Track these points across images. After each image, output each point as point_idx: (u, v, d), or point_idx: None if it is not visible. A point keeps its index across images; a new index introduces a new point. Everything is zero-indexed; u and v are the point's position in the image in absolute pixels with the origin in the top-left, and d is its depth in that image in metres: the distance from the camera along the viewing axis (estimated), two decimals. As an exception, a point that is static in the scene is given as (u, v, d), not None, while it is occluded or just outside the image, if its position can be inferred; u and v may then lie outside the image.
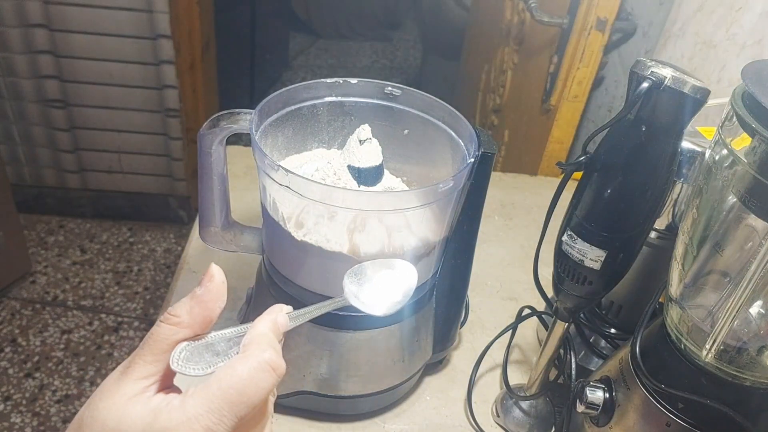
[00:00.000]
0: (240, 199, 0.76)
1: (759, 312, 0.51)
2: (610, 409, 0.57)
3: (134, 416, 0.32)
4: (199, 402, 0.32)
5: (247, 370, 0.33)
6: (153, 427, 0.31)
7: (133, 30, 1.88)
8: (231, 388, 0.32)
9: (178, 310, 0.35)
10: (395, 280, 0.49)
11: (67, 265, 2.07)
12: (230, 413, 0.32)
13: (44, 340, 1.82)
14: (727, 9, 0.89)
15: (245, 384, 0.33)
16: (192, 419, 0.31)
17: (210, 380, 0.33)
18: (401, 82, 0.70)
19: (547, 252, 0.61)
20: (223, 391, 0.32)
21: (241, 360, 0.34)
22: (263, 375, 0.34)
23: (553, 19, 1.22)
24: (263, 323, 0.37)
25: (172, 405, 0.32)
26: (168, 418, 0.31)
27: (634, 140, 0.51)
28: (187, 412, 0.31)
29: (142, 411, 0.32)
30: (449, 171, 0.66)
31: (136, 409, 0.32)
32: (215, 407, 0.32)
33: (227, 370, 0.33)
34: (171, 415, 0.31)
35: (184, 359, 0.34)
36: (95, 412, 0.32)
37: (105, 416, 0.32)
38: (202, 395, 0.32)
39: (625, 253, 0.55)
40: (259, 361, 0.34)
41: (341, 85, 0.67)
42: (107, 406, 0.32)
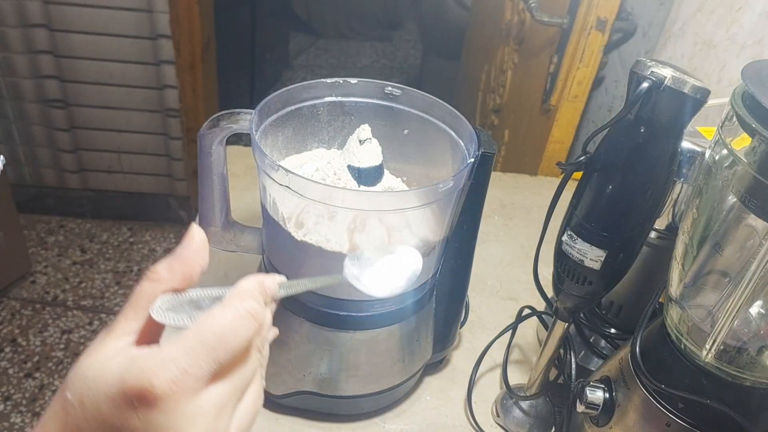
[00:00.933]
0: (240, 199, 0.76)
1: (759, 312, 0.51)
2: (610, 409, 0.57)
3: (113, 366, 0.31)
4: (176, 346, 0.31)
5: (227, 316, 0.33)
6: (130, 372, 0.31)
7: (133, 30, 1.88)
8: (209, 332, 0.32)
9: (159, 267, 0.35)
10: (398, 264, 0.49)
11: (67, 265, 2.07)
12: (207, 357, 0.31)
13: (44, 340, 1.82)
14: (727, 9, 0.89)
15: (224, 329, 0.32)
16: (168, 361, 0.31)
17: (192, 328, 0.33)
18: (401, 82, 0.70)
19: (547, 252, 0.61)
20: (200, 335, 0.32)
21: (220, 307, 0.34)
22: (243, 322, 0.33)
23: (553, 19, 1.22)
24: (249, 281, 0.37)
25: (150, 352, 0.32)
26: (144, 363, 0.31)
27: (634, 140, 0.51)
28: (163, 355, 0.31)
29: (121, 359, 0.32)
30: (449, 171, 0.66)
31: (116, 360, 0.32)
32: (191, 350, 0.31)
33: (206, 317, 0.33)
34: (147, 360, 0.31)
35: (164, 309, 0.34)
36: (78, 369, 0.32)
37: (86, 370, 0.32)
38: (178, 340, 0.32)
39: (625, 253, 0.55)
40: (239, 309, 0.33)
41: (341, 85, 0.67)
42: (90, 362, 0.32)
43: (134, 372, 0.30)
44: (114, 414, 0.30)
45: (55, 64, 1.93)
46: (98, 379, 0.31)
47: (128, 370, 0.31)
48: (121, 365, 0.31)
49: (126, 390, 0.30)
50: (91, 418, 0.31)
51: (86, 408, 0.31)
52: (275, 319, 0.68)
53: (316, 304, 0.63)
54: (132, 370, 0.30)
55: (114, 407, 0.30)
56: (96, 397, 0.31)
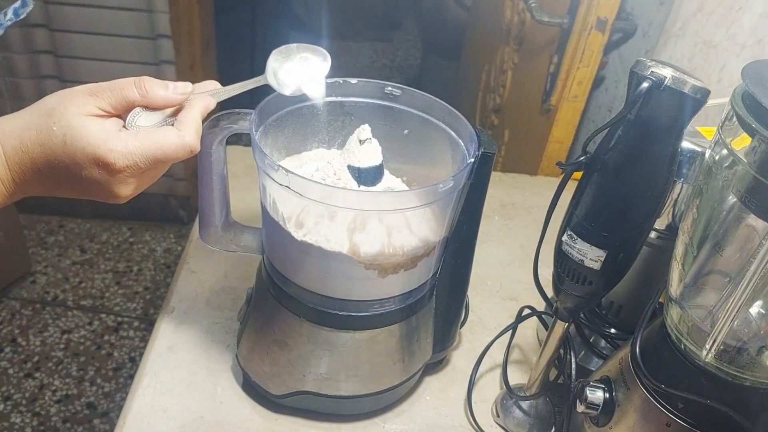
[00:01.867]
0: (240, 199, 0.76)
1: (759, 312, 0.51)
2: (610, 409, 0.57)
3: (93, 129, 0.45)
4: (138, 146, 0.46)
5: (174, 143, 0.48)
6: (106, 144, 0.45)
7: (133, 30, 1.88)
8: (158, 149, 0.47)
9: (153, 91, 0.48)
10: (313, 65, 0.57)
11: (67, 265, 2.07)
12: (151, 161, 0.47)
13: (44, 340, 1.82)
14: (727, 9, 0.89)
15: (167, 151, 0.48)
16: (128, 153, 0.46)
17: (151, 135, 0.47)
18: (401, 82, 0.70)
19: (547, 252, 0.61)
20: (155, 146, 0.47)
21: (174, 134, 0.48)
22: (181, 151, 0.48)
23: (553, 19, 1.22)
24: (197, 108, 0.51)
25: (121, 135, 0.46)
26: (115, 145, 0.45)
27: (634, 140, 0.51)
28: (129, 147, 0.46)
29: (99, 128, 0.46)
30: (449, 171, 0.66)
31: (94, 124, 0.46)
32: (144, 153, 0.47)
33: (164, 136, 0.47)
34: (117, 144, 0.46)
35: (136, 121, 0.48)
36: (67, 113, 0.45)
37: (72, 119, 0.45)
38: (141, 143, 0.46)
39: (625, 253, 0.55)
40: (184, 141, 0.48)
41: (341, 85, 0.67)
42: (79, 117, 0.45)
43: (106, 147, 0.45)
44: (84, 162, 0.45)
45: (55, 64, 1.93)
46: (82, 132, 0.45)
47: (104, 143, 0.45)
48: (99, 136, 0.45)
49: (97, 157, 0.45)
50: (67, 154, 0.45)
51: (67, 146, 0.45)
52: (275, 320, 0.68)
53: (316, 304, 0.63)
54: (106, 145, 0.45)
55: (85, 158, 0.45)
56: (75, 145, 0.45)
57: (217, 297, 0.83)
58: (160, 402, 0.69)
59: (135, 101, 0.48)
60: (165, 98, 0.49)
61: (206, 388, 0.72)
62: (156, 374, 0.72)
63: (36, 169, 0.46)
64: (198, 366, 0.74)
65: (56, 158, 0.46)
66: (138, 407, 0.69)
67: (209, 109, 0.52)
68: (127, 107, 0.48)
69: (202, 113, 0.51)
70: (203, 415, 0.69)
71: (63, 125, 0.45)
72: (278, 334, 0.66)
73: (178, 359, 0.74)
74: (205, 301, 0.82)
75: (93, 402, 1.69)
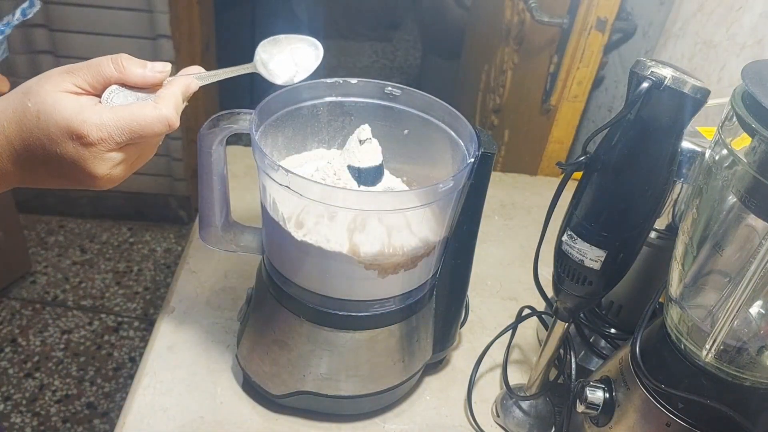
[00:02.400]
0: (240, 199, 0.76)
1: (759, 312, 0.51)
2: (610, 409, 0.57)
3: (66, 103, 0.45)
4: (112, 118, 0.45)
5: (150, 115, 0.46)
6: (79, 116, 0.45)
7: (133, 30, 1.88)
8: (134, 121, 0.46)
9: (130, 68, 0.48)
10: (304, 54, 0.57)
11: (67, 265, 2.07)
12: (127, 134, 0.46)
13: (44, 340, 1.82)
14: (727, 9, 0.89)
15: (143, 123, 0.46)
16: (103, 125, 0.45)
17: (126, 108, 0.46)
18: (401, 82, 0.70)
19: (547, 252, 0.61)
20: (130, 119, 0.46)
21: (151, 106, 0.47)
22: (158, 124, 0.47)
23: (553, 19, 1.22)
24: (177, 85, 0.50)
25: (95, 108, 0.46)
26: (88, 116, 0.45)
27: (634, 140, 0.51)
28: (103, 119, 0.45)
29: (73, 102, 0.45)
30: (449, 171, 0.66)
31: (69, 99, 0.46)
32: (120, 125, 0.45)
33: (140, 108, 0.47)
34: (91, 116, 0.45)
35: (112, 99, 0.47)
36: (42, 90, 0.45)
37: (47, 95, 0.45)
38: (115, 114, 0.46)
39: (625, 253, 0.55)
40: (161, 113, 0.47)
41: (341, 85, 0.67)
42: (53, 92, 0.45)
43: (79, 119, 0.45)
44: (58, 136, 0.45)
45: (55, 64, 1.93)
46: (55, 107, 0.45)
47: (77, 115, 0.45)
48: (73, 109, 0.45)
49: (71, 129, 0.44)
50: (41, 129, 0.45)
51: (40, 121, 0.45)
52: (275, 320, 0.68)
53: (316, 304, 0.63)
54: (79, 117, 0.45)
55: (59, 132, 0.45)
56: (49, 120, 0.45)
57: (217, 297, 0.83)
58: (160, 402, 0.69)
59: (111, 78, 0.48)
60: (142, 76, 0.48)
61: (206, 388, 0.72)
62: (156, 374, 0.72)
63: (13, 150, 0.46)
64: (198, 366, 0.74)
65: (31, 135, 0.45)
66: (138, 407, 0.69)
67: (191, 90, 0.51)
68: (104, 84, 0.48)
69: (183, 92, 0.50)
70: (203, 415, 0.69)
71: (37, 101, 0.45)
72: (278, 334, 0.66)
73: (178, 359, 0.74)
74: (205, 301, 0.82)
75: (93, 402, 1.69)
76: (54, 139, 0.45)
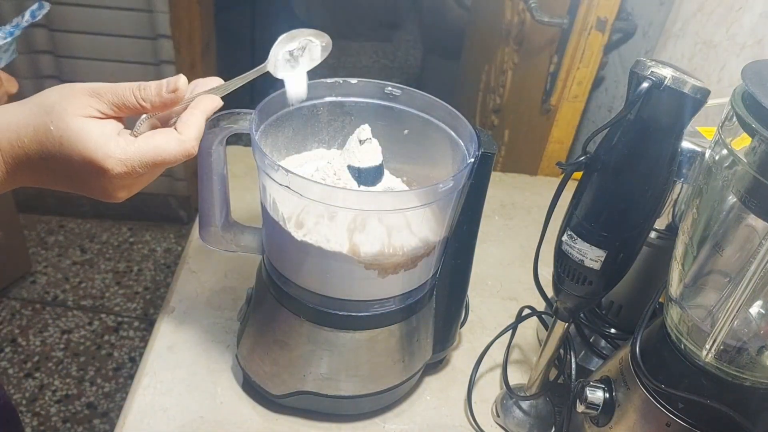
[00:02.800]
0: (240, 199, 0.76)
1: (759, 312, 0.51)
2: (610, 409, 0.57)
3: (90, 133, 0.45)
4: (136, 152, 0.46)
5: (174, 149, 0.47)
6: (102, 149, 0.45)
7: (133, 30, 1.88)
8: (158, 155, 0.46)
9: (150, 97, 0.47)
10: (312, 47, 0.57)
11: (67, 265, 2.07)
12: (148, 166, 0.47)
13: (44, 340, 1.82)
14: (727, 9, 0.89)
15: (166, 156, 0.47)
16: (126, 159, 0.46)
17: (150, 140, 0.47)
18: (401, 82, 0.70)
19: (547, 252, 0.61)
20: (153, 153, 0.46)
21: (175, 139, 0.47)
22: (180, 156, 0.48)
23: (553, 19, 1.22)
24: (202, 110, 0.50)
25: (119, 141, 0.46)
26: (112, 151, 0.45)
27: (634, 140, 0.51)
28: (126, 152, 0.46)
29: (97, 131, 0.45)
30: (449, 171, 0.66)
31: (93, 127, 0.45)
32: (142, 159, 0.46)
33: (165, 141, 0.47)
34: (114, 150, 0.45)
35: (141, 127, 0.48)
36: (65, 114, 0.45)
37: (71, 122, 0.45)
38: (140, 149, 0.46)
39: (625, 253, 0.55)
40: (185, 148, 0.48)
41: (341, 85, 0.67)
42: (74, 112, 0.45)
43: (103, 153, 0.45)
44: (81, 165, 0.45)
45: (55, 64, 1.93)
46: (79, 136, 0.45)
47: (101, 148, 0.45)
48: (97, 142, 0.45)
49: (94, 162, 0.45)
50: (64, 156, 0.45)
51: (63, 147, 0.45)
52: (275, 320, 0.68)
53: (316, 304, 0.63)
54: (103, 150, 0.45)
55: (82, 162, 0.45)
56: (72, 149, 0.45)
57: (217, 297, 0.83)
58: (160, 402, 0.69)
59: (134, 107, 0.48)
60: (162, 104, 0.48)
61: (206, 388, 0.72)
62: (156, 374, 0.72)
63: (31, 164, 0.46)
64: (198, 366, 0.74)
65: (52, 157, 0.45)
66: (138, 407, 0.69)
67: (215, 109, 0.51)
68: (128, 111, 0.48)
69: (207, 114, 0.50)
70: (203, 415, 0.69)
71: (61, 126, 0.45)
72: (278, 334, 0.66)
73: (178, 359, 0.74)
74: (205, 301, 0.82)
75: (93, 402, 1.69)
76: (76, 167, 0.45)
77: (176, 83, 0.48)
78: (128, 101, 0.47)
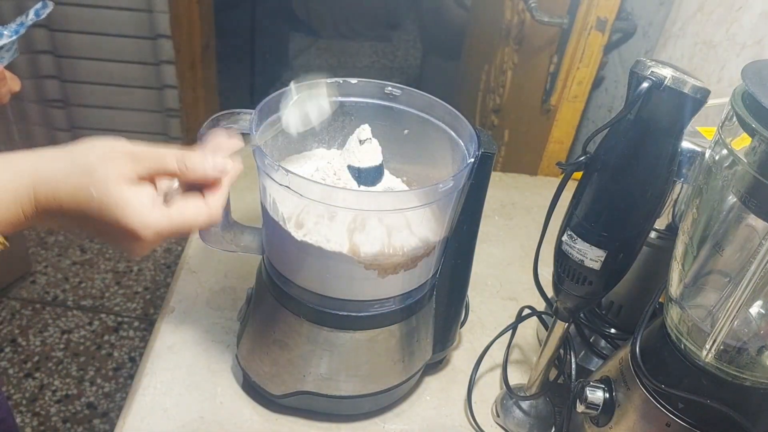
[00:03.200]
0: (240, 199, 0.76)
1: (759, 312, 0.51)
2: (610, 409, 0.57)
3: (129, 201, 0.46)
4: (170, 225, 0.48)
5: (203, 221, 0.49)
6: (139, 218, 0.46)
7: (133, 30, 1.88)
8: (188, 226, 0.49)
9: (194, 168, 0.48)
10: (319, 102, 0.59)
11: (67, 265, 2.07)
12: (176, 232, 0.48)
13: (44, 340, 1.82)
14: (727, 9, 0.89)
15: (194, 227, 0.49)
16: (159, 230, 0.47)
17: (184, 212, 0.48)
18: (401, 82, 0.70)
19: (547, 252, 0.61)
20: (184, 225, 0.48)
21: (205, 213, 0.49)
22: (206, 225, 0.50)
23: (553, 19, 1.22)
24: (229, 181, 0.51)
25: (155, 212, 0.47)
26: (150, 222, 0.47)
27: (634, 140, 0.51)
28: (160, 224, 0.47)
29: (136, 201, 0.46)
30: (449, 171, 0.66)
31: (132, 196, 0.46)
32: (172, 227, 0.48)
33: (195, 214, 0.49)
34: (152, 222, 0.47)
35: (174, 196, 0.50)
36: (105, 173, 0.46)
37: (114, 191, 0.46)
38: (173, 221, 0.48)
39: (625, 253, 0.55)
40: (211, 216, 0.49)
41: (341, 85, 0.67)
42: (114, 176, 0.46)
43: (139, 223, 0.46)
44: (115, 229, 0.46)
45: (55, 64, 1.93)
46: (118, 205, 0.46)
47: (138, 217, 0.46)
48: (134, 213, 0.46)
49: (129, 228, 0.46)
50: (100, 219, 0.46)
51: (102, 212, 0.46)
52: (275, 320, 0.68)
53: (316, 304, 0.63)
54: (139, 220, 0.46)
55: (118, 227, 0.46)
56: (111, 214, 0.46)
57: (217, 297, 0.83)
58: (160, 402, 0.69)
59: (174, 174, 0.48)
60: (204, 176, 0.49)
61: (206, 388, 0.72)
62: (156, 374, 0.72)
63: (63, 215, 0.47)
64: (198, 366, 0.74)
65: (89, 218, 0.47)
66: (138, 407, 0.69)
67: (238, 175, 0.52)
68: (164, 176, 0.49)
69: (233, 181, 0.52)
70: (203, 415, 0.69)
71: (102, 192, 0.46)
72: (278, 334, 0.66)
73: (178, 359, 0.74)
74: (205, 301, 0.82)
75: (93, 402, 1.69)
76: (109, 230, 0.47)
77: (225, 166, 0.50)
78: (169, 169, 0.48)
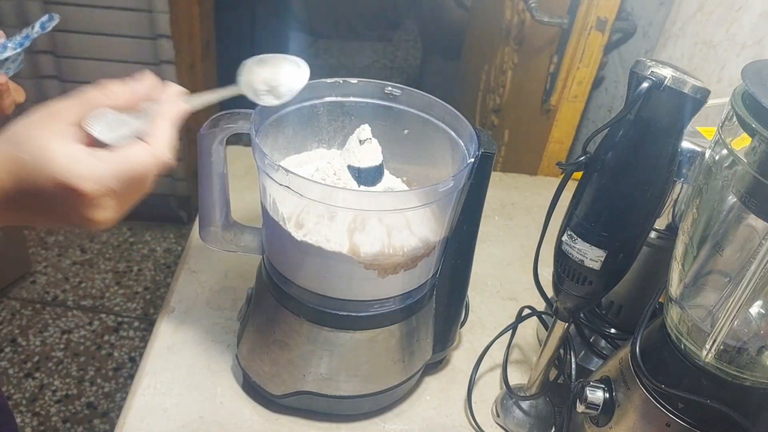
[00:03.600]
0: (240, 199, 0.76)
1: (759, 312, 0.51)
2: (610, 409, 0.57)
3: (60, 156, 0.42)
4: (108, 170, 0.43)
5: (146, 161, 0.45)
6: (74, 171, 0.42)
7: (133, 30, 1.88)
8: (130, 169, 0.44)
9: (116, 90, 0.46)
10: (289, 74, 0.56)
11: (67, 265, 2.07)
12: (124, 182, 0.44)
13: (44, 340, 1.82)
14: (727, 9, 0.89)
15: (139, 170, 0.44)
16: (98, 179, 0.43)
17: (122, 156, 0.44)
18: (401, 82, 0.70)
19: (547, 252, 0.61)
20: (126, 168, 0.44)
21: (145, 150, 0.45)
22: (155, 167, 0.45)
23: (553, 19, 1.22)
24: (168, 119, 0.47)
25: (90, 160, 0.43)
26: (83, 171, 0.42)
27: (634, 140, 0.51)
28: (98, 171, 0.43)
29: (67, 154, 0.43)
30: (449, 171, 0.66)
31: (62, 150, 0.43)
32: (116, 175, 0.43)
33: (135, 154, 0.44)
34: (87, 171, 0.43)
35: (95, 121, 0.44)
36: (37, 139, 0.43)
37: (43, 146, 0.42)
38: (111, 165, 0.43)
39: (625, 253, 0.55)
40: (157, 159, 0.45)
41: (341, 85, 0.67)
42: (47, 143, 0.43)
43: (75, 175, 0.42)
44: (54, 188, 0.43)
45: (55, 64, 1.93)
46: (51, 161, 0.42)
47: (72, 171, 0.42)
48: (66, 164, 0.42)
49: (68, 185, 0.42)
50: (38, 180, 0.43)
51: (37, 170, 0.42)
52: (275, 320, 0.68)
53: (316, 304, 0.63)
54: (75, 172, 0.42)
55: (54, 186, 0.42)
56: (45, 172, 0.42)
57: (217, 297, 0.83)
58: (160, 402, 0.69)
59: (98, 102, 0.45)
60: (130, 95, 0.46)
61: (206, 388, 0.72)
62: (156, 374, 0.72)
63: (8, 199, 0.44)
64: (198, 366, 0.74)
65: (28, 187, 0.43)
66: (138, 407, 0.69)
67: (182, 116, 0.49)
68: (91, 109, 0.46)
69: (174, 122, 0.48)
70: (203, 415, 0.69)
71: (35, 153, 0.43)
72: (278, 334, 0.66)
73: (178, 359, 0.74)
74: (205, 301, 0.82)
75: (93, 402, 1.69)
76: (52, 193, 0.43)
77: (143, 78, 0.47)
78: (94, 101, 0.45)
